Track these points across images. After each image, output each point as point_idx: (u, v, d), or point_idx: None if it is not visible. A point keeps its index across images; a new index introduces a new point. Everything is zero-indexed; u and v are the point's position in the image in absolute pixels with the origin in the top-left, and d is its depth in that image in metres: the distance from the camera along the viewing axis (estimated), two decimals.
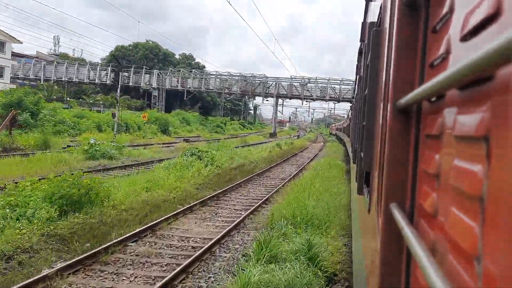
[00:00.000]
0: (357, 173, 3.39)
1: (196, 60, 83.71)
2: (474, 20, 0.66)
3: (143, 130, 37.36)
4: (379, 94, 1.86)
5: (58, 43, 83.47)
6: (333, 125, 69.22)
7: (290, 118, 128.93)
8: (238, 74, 63.42)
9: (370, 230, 1.95)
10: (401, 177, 1.20)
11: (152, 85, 62.21)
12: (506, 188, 0.51)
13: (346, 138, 23.50)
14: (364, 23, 4.11)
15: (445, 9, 0.91)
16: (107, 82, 60.80)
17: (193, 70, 67.00)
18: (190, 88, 62.58)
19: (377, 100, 1.96)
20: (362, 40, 4.23)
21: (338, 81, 57.22)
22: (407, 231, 0.88)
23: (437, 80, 0.72)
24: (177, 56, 79.90)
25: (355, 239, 4.28)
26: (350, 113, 20.33)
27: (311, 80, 59.39)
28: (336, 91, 56.64)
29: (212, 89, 63.16)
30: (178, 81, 63.19)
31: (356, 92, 6.66)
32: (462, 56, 0.76)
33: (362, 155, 2.49)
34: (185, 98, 65.15)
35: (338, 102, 59.66)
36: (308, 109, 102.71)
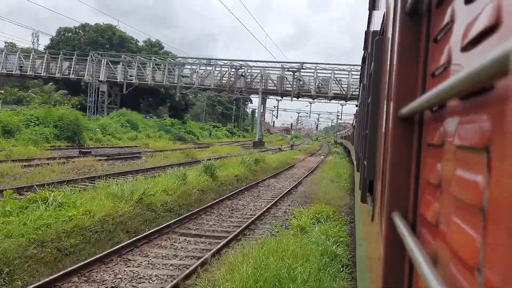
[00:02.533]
0: (360, 182, 3.39)
1: (166, 49, 63.04)
2: (474, 31, 0.67)
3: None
4: (381, 102, 1.87)
5: (38, 40, 65.59)
6: (338, 133, 64.90)
7: (292, 125, 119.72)
8: (208, 61, 47.05)
9: (374, 238, 1.94)
10: (403, 186, 1.20)
11: (99, 77, 47.07)
12: (507, 198, 0.51)
13: (350, 145, 23.17)
14: (367, 32, 4.13)
15: (446, 19, 0.92)
16: (42, 74, 47.49)
17: (153, 57, 49.44)
18: (148, 82, 46.80)
19: (380, 109, 1.96)
20: (365, 48, 4.25)
21: (346, 71, 40.39)
22: (409, 240, 0.88)
23: (438, 89, 0.72)
24: (140, 44, 63.01)
25: (358, 248, 4.25)
26: (354, 121, 20.24)
27: (305, 64, 43.00)
28: (343, 86, 40.76)
29: (175, 83, 46.46)
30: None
31: (360, 100, 6.67)
32: (462, 66, 0.77)
33: (365, 163, 2.48)
34: (148, 98, 53.06)
35: (345, 101, 42.25)
36: (309, 113, 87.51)
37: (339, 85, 41.54)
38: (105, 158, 20.48)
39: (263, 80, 44.88)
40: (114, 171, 16.38)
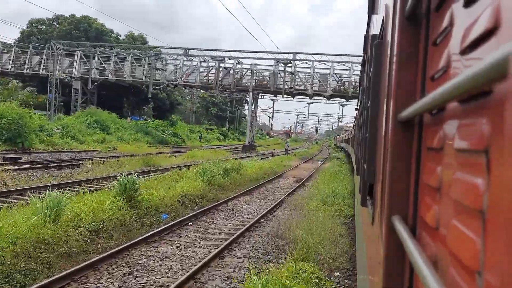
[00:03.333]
0: (360, 185, 3.39)
1: (151, 43, 54.33)
2: (473, 34, 0.67)
3: None
4: (381, 106, 1.87)
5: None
6: (338, 136, 63.87)
7: (290, 128, 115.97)
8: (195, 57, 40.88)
9: (374, 242, 1.94)
10: (403, 189, 1.20)
11: (71, 74, 41.81)
12: (506, 201, 0.51)
13: (351, 149, 22.97)
14: (366, 36, 4.14)
15: (445, 23, 0.92)
16: (10, 70, 42.67)
17: (132, 50, 42.77)
18: (126, 78, 41.32)
19: (379, 112, 1.97)
20: (365, 52, 4.25)
21: (346, 66, 36.04)
22: (410, 244, 0.88)
23: (437, 93, 0.72)
24: (122, 37, 55.79)
25: (359, 251, 4.24)
26: (354, 124, 20.18)
27: (299, 55, 37.38)
28: (345, 82, 36.53)
29: (159, 80, 41.30)
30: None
31: (359, 103, 6.68)
32: (462, 69, 0.77)
33: (365, 166, 2.48)
34: (128, 97, 47.64)
35: (346, 100, 38.27)
36: (307, 114, 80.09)
37: (339, 81, 37.26)
38: (34, 166, 16.53)
39: (255, 76, 39.56)
40: (29, 185, 12.27)
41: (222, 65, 39.35)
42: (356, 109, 11.15)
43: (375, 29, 2.79)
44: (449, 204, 0.80)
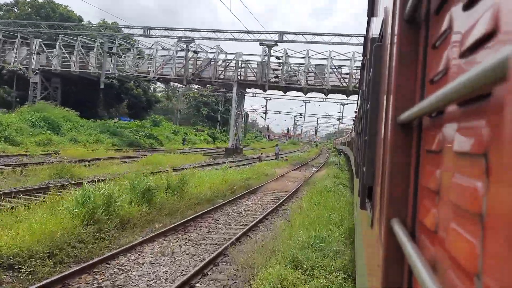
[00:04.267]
0: (359, 187, 3.38)
1: (126, 31, 41.16)
2: (473, 37, 0.67)
3: None
4: (380, 108, 1.87)
5: None
6: (337, 139, 61.75)
7: (288, 130, 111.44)
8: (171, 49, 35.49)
9: (373, 245, 1.93)
10: (402, 192, 1.20)
11: (28, 65, 36.29)
12: (505, 204, 0.51)
13: (350, 152, 22.57)
14: (366, 38, 4.15)
15: (444, 26, 0.92)
16: None
17: (99, 38, 36.68)
18: (90, 70, 36.15)
19: (378, 115, 1.97)
20: (364, 54, 4.26)
21: (348, 56, 31.17)
22: (408, 247, 0.88)
23: (437, 96, 0.72)
24: (94, 25, 47.52)
25: (358, 254, 4.24)
26: (353, 127, 20.06)
27: (286, 36, 31.78)
28: (344, 76, 31.40)
29: (127, 72, 36.04)
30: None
31: (359, 106, 6.69)
32: (461, 72, 0.77)
33: (364, 169, 2.48)
34: (97, 93, 41.10)
35: (347, 96, 33.26)
36: (304, 115, 74.64)
37: (338, 73, 31.82)
38: None
39: (240, 68, 34.03)
40: None
41: (192, 48, 33.81)
42: (355, 111, 11.12)
43: (375, 32, 2.79)
44: (448, 207, 0.80)
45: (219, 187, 14.80)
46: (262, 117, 70.50)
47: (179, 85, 57.35)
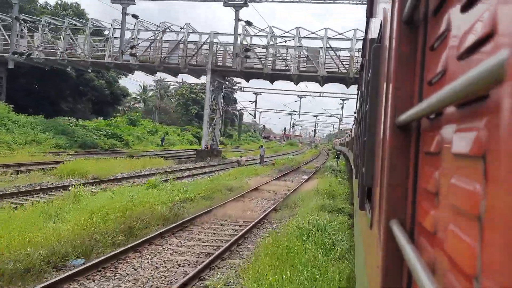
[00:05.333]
0: (359, 189, 3.39)
1: (90, 15, 35.46)
2: (470, 39, 0.67)
3: None
4: (379, 110, 1.87)
5: None
6: (336, 140, 62.24)
7: (285, 130, 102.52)
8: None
9: (372, 246, 1.94)
10: (401, 193, 1.20)
11: None
12: (503, 206, 0.51)
13: (349, 152, 22.24)
14: (365, 39, 4.16)
15: (442, 27, 0.92)
16: None
17: (45, 18, 31.38)
18: (33, 56, 29.53)
19: (377, 116, 1.97)
20: (363, 55, 4.27)
21: (349, 34, 26.01)
22: (407, 249, 0.88)
23: (435, 97, 0.73)
24: (51, 8, 42.07)
25: (357, 255, 4.24)
26: (353, 127, 20.04)
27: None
28: (344, 62, 25.97)
29: (79, 59, 29.64)
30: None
31: (358, 107, 6.70)
32: (459, 74, 0.77)
33: (363, 170, 2.48)
34: (48, 85, 34.45)
35: (347, 85, 27.43)
36: (299, 112, 65.93)
37: (336, 57, 26.33)
38: None
39: (216, 51, 28.56)
40: None
41: (130, 11, 28.20)
42: (354, 112, 11.14)
43: (374, 33, 2.80)
44: (447, 209, 0.80)
45: (98, 227, 8.04)
46: (251, 114, 64.18)
47: (170, 82, 52.57)
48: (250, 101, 60.53)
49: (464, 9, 0.75)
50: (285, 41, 27.62)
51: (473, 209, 0.63)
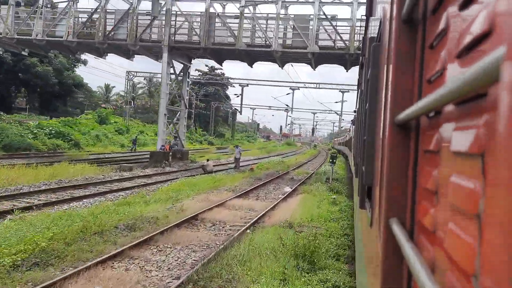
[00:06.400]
0: (359, 187, 3.39)
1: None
2: (469, 37, 0.67)
3: None
4: (379, 108, 1.87)
5: None
6: (335, 139, 59.83)
7: (281, 128, 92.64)
8: None
9: (372, 244, 1.94)
10: (400, 192, 1.20)
11: None
12: (502, 204, 0.51)
13: (348, 152, 22.08)
14: (364, 38, 4.16)
15: (441, 26, 0.92)
16: None
17: None
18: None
19: (377, 115, 1.97)
20: (363, 54, 4.27)
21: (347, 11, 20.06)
22: (407, 247, 0.88)
23: (434, 96, 0.73)
24: None
25: (358, 253, 4.24)
26: (352, 127, 19.90)
27: None
28: (343, 35, 19.59)
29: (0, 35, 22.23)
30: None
31: (357, 105, 6.69)
32: (457, 72, 0.77)
33: (363, 169, 2.49)
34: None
35: (347, 67, 21.61)
36: (291, 108, 56.89)
37: (332, 28, 19.98)
38: None
39: (175, 23, 22.08)
40: None
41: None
42: (354, 111, 11.11)
43: (373, 31, 2.80)
44: (446, 208, 0.80)
45: None
46: (236, 109, 56.93)
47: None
48: (235, 94, 52.77)
49: (462, 7, 0.75)
50: (267, 15, 21.63)
51: (472, 207, 0.63)
